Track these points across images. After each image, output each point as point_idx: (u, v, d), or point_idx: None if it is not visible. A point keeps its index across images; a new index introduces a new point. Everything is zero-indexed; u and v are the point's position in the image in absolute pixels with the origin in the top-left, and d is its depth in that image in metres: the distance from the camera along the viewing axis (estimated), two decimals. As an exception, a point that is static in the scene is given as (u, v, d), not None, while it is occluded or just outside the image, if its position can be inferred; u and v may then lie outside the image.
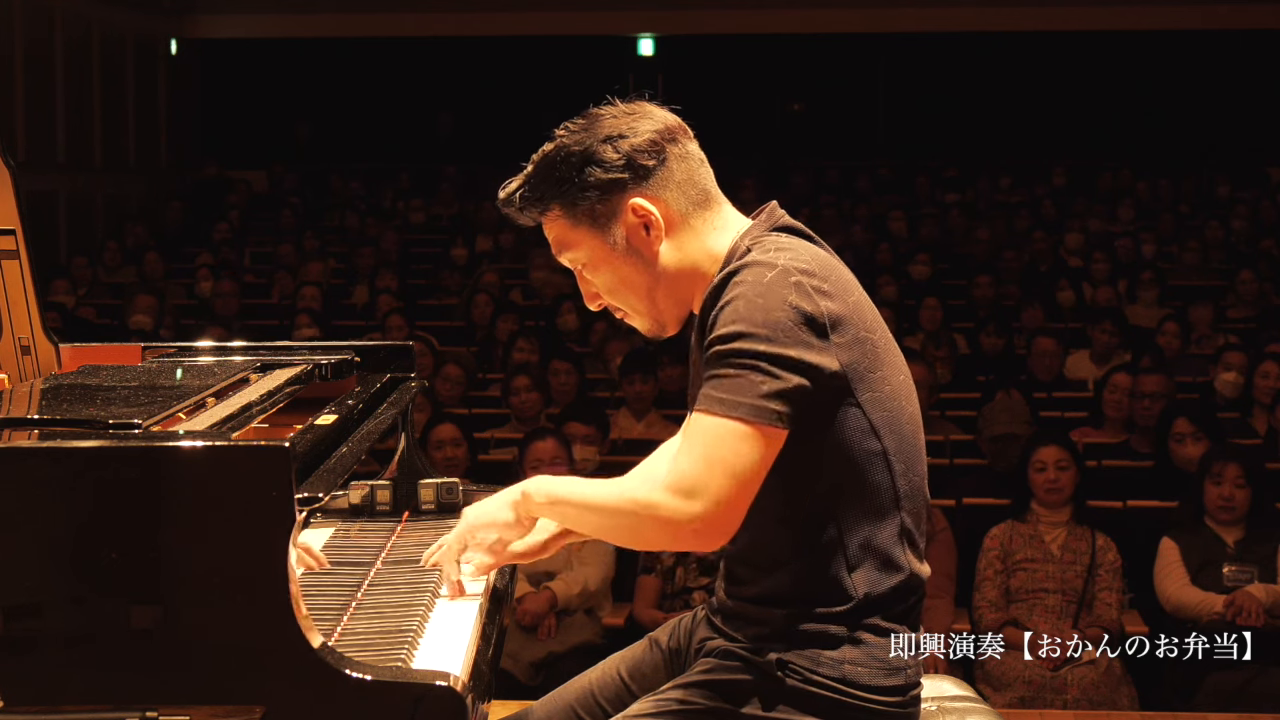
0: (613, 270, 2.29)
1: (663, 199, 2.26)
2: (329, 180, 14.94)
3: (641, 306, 2.32)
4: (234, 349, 3.18)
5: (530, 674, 5.09)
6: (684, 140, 2.30)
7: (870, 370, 2.18)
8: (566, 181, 2.24)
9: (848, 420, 2.16)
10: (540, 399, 7.03)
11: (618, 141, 2.24)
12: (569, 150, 2.25)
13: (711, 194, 2.32)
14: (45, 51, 12.61)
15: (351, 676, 1.96)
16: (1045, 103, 15.66)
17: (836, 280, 2.19)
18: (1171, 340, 8.57)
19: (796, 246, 2.21)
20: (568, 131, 2.28)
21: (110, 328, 9.61)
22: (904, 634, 2.23)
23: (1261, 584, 5.12)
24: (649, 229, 2.26)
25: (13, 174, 2.91)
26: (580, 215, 2.26)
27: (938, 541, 5.32)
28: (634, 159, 2.24)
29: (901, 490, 2.22)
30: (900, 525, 2.22)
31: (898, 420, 2.21)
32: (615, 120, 2.27)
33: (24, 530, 1.96)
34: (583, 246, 2.29)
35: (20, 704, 1.96)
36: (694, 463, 2.08)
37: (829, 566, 2.19)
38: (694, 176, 2.29)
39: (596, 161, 2.23)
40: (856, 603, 2.19)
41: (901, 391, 2.24)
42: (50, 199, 12.67)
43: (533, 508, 2.32)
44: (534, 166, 2.29)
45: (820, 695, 2.18)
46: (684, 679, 2.28)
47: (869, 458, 2.18)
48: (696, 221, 2.28)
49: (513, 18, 15.11)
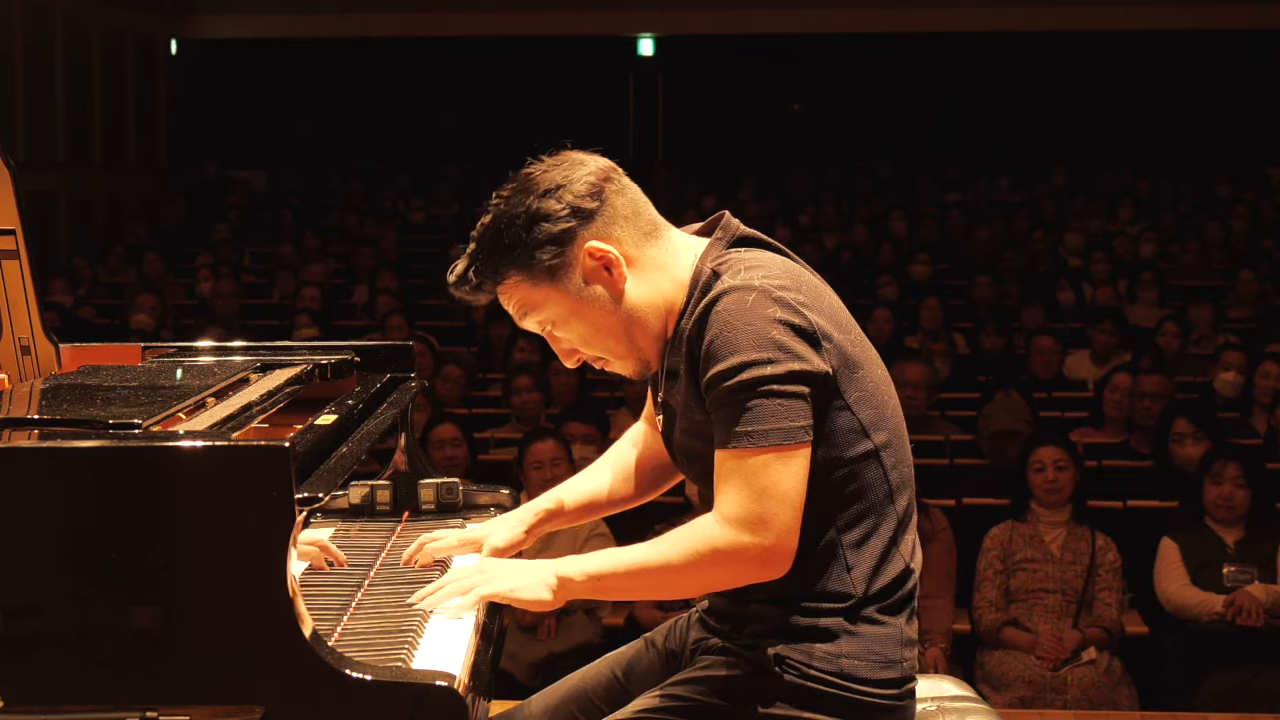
0: (583, 320, 2.28)
1: (615, 236, 2.26)
2: (329, 180, 14.95)
3: (621, 349, 2.31)
4: (234, 349, 3.18)
5: (530, 674, 5.09)
6: (617, 177, 2.30)
7: (852, 370, 2.20)
8: (517, 245, 2.23)
9: (839, 422, 2.18)
10: (540, 399, 7.04)
11: (557, 193, 2.24)
12: (511, 215, 2.24)
13: (657, 222, 2.32)
14: (45, 51, 12.61)
15: (351, 676, 1.96)
16: (1045, 103, 15.66)
17: (808, 288, 2.21)
18: (1171, 340, 8.57)
19: (764, 261, 2.22)
20: (502, 199, 2.27)
21: (110, 328, 9.61)
22: (899, 625, 2.24)
23: (1261, 584, 5.12)
24: (610, 269, 2.25)
25: (13, 174, 2.91)
26: (539, 274, 2.25)
27: (938, 541, 5.32)
28: (577, 205, 2.24)
29: (894, 483, 2.24)
30: (895, 518, 2.24)
31: (883, 415, 2.24)
32: (547, 174, 2.26)
33: (24, 530, 1.96)
34: (548, 305, 2.28)
35: (20, 704, 1.96)
36: (746, 499, 2.11)
37: (829, 566, 2.21)
38: (637, 209, 2.29)
39: (542, 217, 2.23)
40: (856, 599, 2.21)
41: (883, 386, 2.27)
42: (50, 199, 12.67)
43: (574, 591, 2.27)
44: (477, 242, 2.27)
45: (817, 690, 2.19)
46: (683, 675, 2.29)
47: (861, 456, 2.21)
48: (652, 251, 2.28)
49: (513, 18, 15.11)
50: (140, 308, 9.73)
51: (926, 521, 5.34)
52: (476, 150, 14.67)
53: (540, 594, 2.25)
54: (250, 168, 15.31)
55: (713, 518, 2.15)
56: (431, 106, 16.35)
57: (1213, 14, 14.42)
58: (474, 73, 15.89)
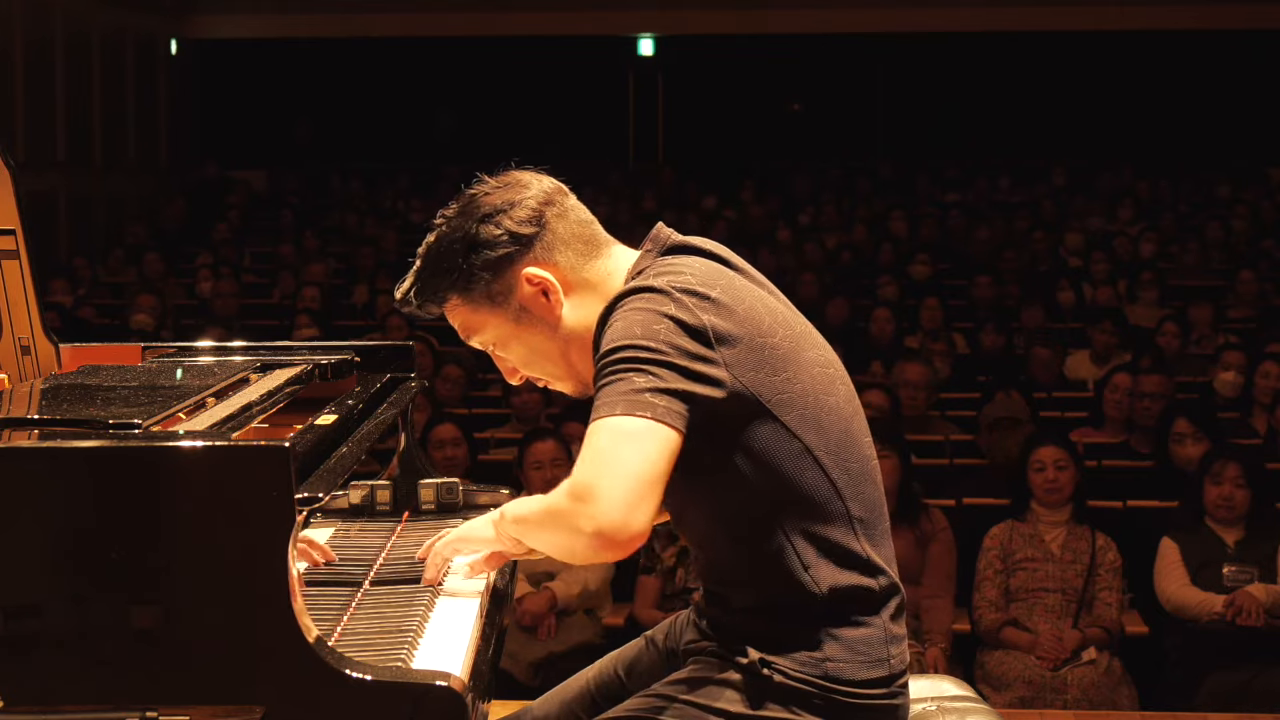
0: (522, 343, 2.31)
1: (553, 261, 2.27)
2: (329, 180, 14.95)
3: (559, 371, 2.34)
4: (234, 349, 3.18)
5: (530, 674, 5.09)
6: (560, 200, 2.30)
7: (773, 374, 2.16)
8: (455, 270, 2.26)
9: (762, 430, 2.15)
10: (541, 399, 7.04)
11: (496, 218, 2.25)
12: (451, 239, 2.27)
13: (600, 241, 2.32)
14: (45, 51, 12.61)
15: (351, 676, 1.96)
16: (1045, 103, 15.67)
17: (723, 290, 2.17)
18: (1171, 340, 8.57)
19: (681, 266, 2.20)
20: (446, 220, 2.29)
21: (110, 328, 9.61)
22: (882, 623, 2.23)
23: (1261, 584, 5.12)
24: (548, 294, 2.27)
25: (13, 174, 2.91)
26: (478, 298, 2.28)
27: (938, 541, 5.33)
28: (516, 232, 2.25)
29: (839, 482, 2.20)
30: (848, 516, 2.21)
31: (816, 415, 2.19)
32: (489, 197, 2.28)
33: (24, 530, 1.96)
34: (488, 328, 2.31)
35: (20, 704, 1.96)
36: (585, 468, 2.06)
37: (787, 572, 2.19)
38: (578, 232, 2.30)
39: (481, 243, 2.25)
40: (823, 600, 2.19)
41: (818, 385, 2.22)
42: (50, 199, 12.68)
43: (506, 527, 2.35)
44: (421, 261, 2.31)
45: (806, 691, 2.19)
46: (672, 678, 2.30)
47: (795, 460, 2.17)
48: (590, 274, 2.29)
49: (513, 18, 15.11)
50: (140, 308, 9.74)
51: (927, 521, 5.35)
52: (476, 150, 14.56)
53: (485, 532, 2.43)
54: (250, 168, 15.31)
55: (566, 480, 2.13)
56: (431, 106, 16.35)
57: (1212, 14, 14.42)
58: (474, 73, 15.89)
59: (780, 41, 15.60)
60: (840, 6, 14.95)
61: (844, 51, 15.93)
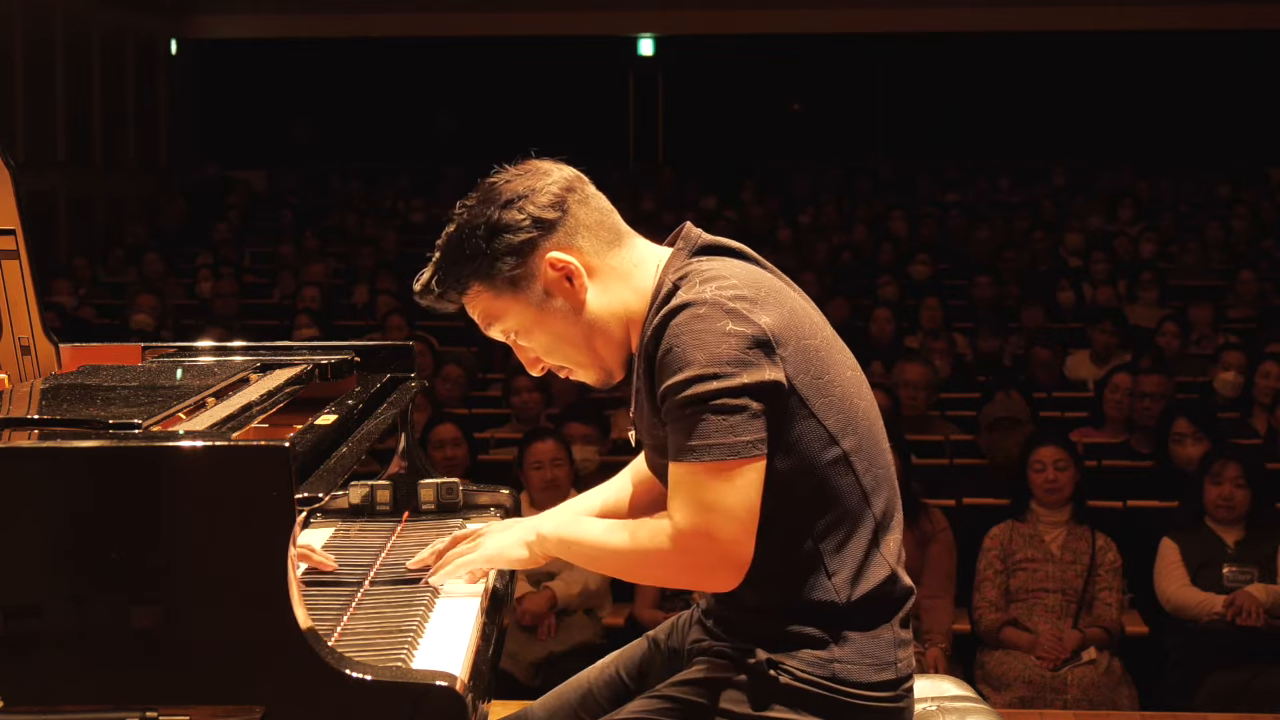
0: (546, 330, 2.30)
1: (576, 246, 2.26)
2: (329, 180, 14.95)
3: (583, 358, 2.33)
4: (234, 349, 3.18)
5: (530, 674, 5.09)
6: (581, 187, 2.30)
7: (817, 376, 2.18)
8: (479, 255, 2.25)
9: (805, 432, 2.17)
10: (540, 399, 7.04)
11: (519, 203, 2.25)
12: (473, 225, 2.26)
13: (621, 231, 2.32)
14: (45, 51, 12.61)
15: (351, 676, 1.96)
16: (1045, 103, 15.66)
17: (768, 294, 2.19)
18: (1171, 340, 8.57)
19: (722, 271, 2.21)
20: (466, 209, 2.29)
21: (110, 328, 9.61)
22: (891, 628, 2.23)
23: (1261, 584, 5.12)
24: (571, 279, 2.26)
25: (13, 174, 2.90)
26: (501, 284, 2.26)
27: (938, 541, 5.32)
28: (539, 216, 2.25)
29: (868, 488, 2.22)
30: (873, 522, 2.23)
31: (853, 419, 2.22)
32: (510, 184, 2.27)
33: (24, 530, 1.96)
34: (510, 315, 2.30)
35: (20, 704, 1.96)
36: (692, 512, 2.11)
37: (810, 576, 2.20)
38: (601, 219, 2.29)
39: (503, 228, 2.24)
40: (840, 606, 2.20)
41: (851, 389, 2.25)
42: (50, 199, 12.67)
43: (548, 547, 2.37)
44: (441, 251, 2.30)
45: (812, 692, 2.19)
46: (678, 678, 2.29)
47: (831, 464, 2.19)
48: (614, 261, 2.29)
49: (513, 18, 15.11)
50: (140, 308, 9.73)
51: (927, 521, 5.34)
52: (477, 150, 14.55)
53: (519, 553, 2.42)
54: (250, 168, 15.31)
55: (666, 523, 2.17)
56: (431, 106, 16.35)
57: (1211, 14, 14.42)
58: (474, 73, 15.89)
59: (780, 41, 15.60)
60: (840, 6, 14.95)
61: (844, 51, 15.93)
